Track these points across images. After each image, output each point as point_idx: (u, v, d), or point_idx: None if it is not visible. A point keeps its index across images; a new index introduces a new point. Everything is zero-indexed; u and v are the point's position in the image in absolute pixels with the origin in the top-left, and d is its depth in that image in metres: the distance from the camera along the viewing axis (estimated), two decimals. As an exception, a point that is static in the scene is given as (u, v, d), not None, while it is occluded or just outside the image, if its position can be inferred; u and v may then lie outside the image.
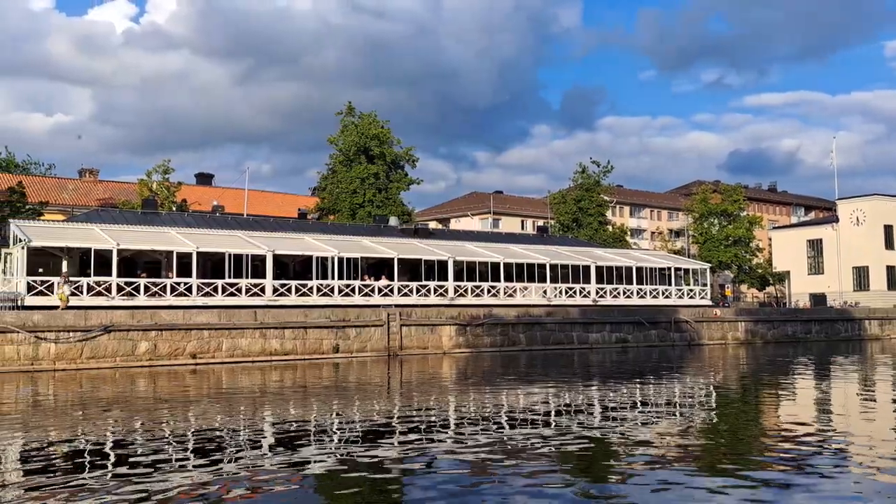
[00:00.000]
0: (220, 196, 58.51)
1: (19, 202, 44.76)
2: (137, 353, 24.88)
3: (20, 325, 23.35)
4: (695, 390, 19.87)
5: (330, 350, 28.25)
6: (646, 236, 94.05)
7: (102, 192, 59.22)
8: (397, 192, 53.25)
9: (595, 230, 60.56)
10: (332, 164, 54.25)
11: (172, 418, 15.04)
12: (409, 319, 30.38)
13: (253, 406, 16.73)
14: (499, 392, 18.88)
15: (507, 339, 32.53)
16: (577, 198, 61.86)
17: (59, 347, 23.80)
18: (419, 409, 16.14)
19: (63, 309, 26.19)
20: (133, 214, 37.49)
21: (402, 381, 22.48)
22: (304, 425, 13.97)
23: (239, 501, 8.62)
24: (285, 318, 27.99)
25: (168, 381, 21.57)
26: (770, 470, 9.86)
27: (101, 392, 19.18)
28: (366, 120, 53.15)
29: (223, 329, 26.45)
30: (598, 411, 15.47)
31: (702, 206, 66.36)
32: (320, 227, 42.06)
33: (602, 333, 35.50)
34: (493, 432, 12.71)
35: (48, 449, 11.81)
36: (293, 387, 20.64)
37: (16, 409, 16.56)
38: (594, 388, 19.81)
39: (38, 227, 31.33)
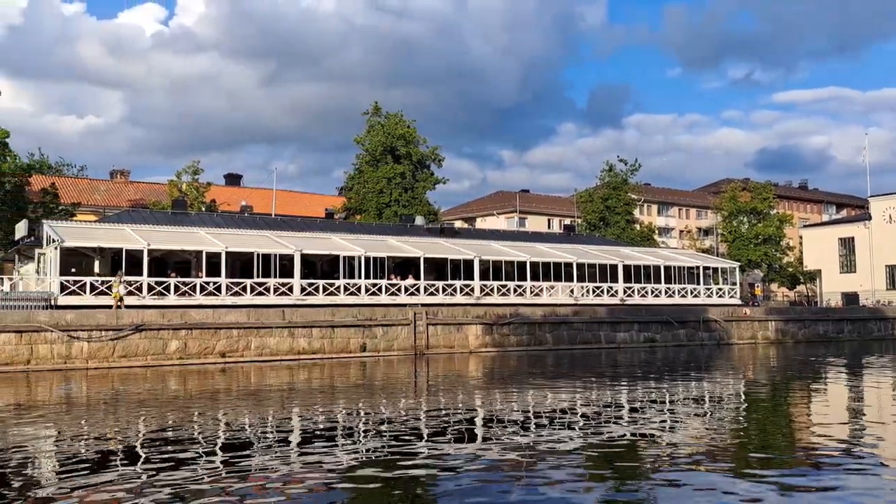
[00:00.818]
0: (248, 196, 59.03)
1: (52, 203, 45.51)
2: (168, 351, 25.20)
3: (54, 325, 23.77)
4: (724, 390, 19.68)
5: (357, 349, 28.40)
6: (674, 235, 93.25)
7: (133, 193, 60.02)
8: (423, 192, 53.34)
9: (622, 229, 60.17)
10: (358, 164, 54.49)
11: (202, 416, 15.22)
12: (435, 318, 30.44)
13: (281, 404, 16.88)
14: (526, 391, 18.86)
15: (533, 339, 32.46)
16: (604, 196, 61.50)
17: (91, 346, 24.19)
18: (446, 408, 16.17)
19: (116, 308, 26.75)
20: (163, 215, 37.96)
21: (429, 380, 22.54)
22: (331, 424, 14.06)
23: (267, 499, 8.71)
24: (313, 317, 28.19)
25: (198, 379, 21.83)
26: (800, 474, 9.75)
27: (133, 390, 19.44)
28: (392, 120, 53.31)
29: (252, 328, 26.71)
30: (626, 411, 15.39)
31: (731, 204, 65.66)
32: (347, 227, 42.28)
33: (630, 333, 35.28)
34: (520, 432, 12.70)
35: (82, 445, 12.01)
36: (321, 385, 20.78)
37: (56, 407, 16.86)
38: (622, 387, 19.71)
39: (71, 228, 31.83)
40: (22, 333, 23.31)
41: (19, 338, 23.27)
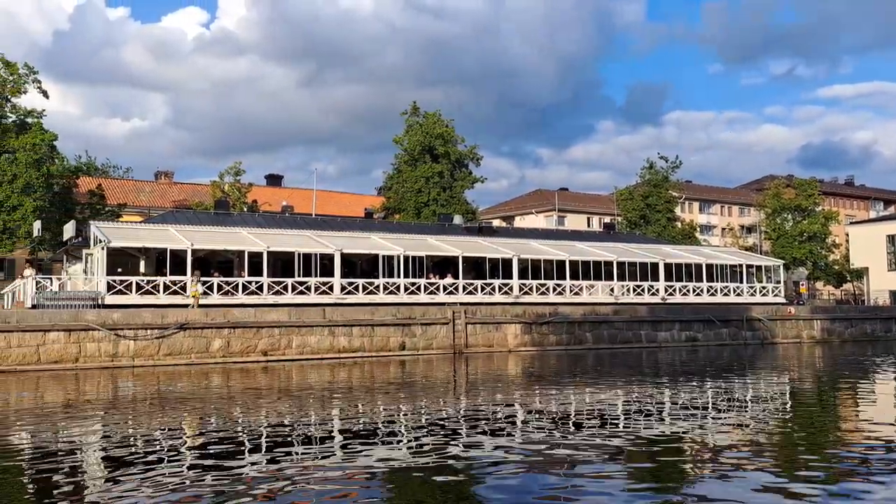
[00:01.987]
0: (289, 196, 59.66)
1: (99, 204, 46.57)
2: (211, 350, 25.62)
3: (101, 323, 24.32)
4: (769, 390, 19.37)
5: (397, 347, 28.55)
6: (716, 233, 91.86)
7: (177, 194, 61.06)
8: (461, 191, 53.35)
9: (663, 227, 59.48)
10: (397, 164, 54.71)
11: (245, 414, 15.45)
12: (474, 317, 30.46)
13: (322, 403, 17.05)
14: (565, 391, 18.78)
15: (573, 338, 32.29)
16: (644, 194, 60.85)
17: (137, 344, 24.70)
18: (486, 407, 16.18)
19: (193, 307, 27.35)
20: (206, 215, 38.56)
21: (469, 378, 22.56)
22: (372, 422, 14.17)
23: (309, 497, 8.81)
24: (353, 315, 28.41)
25: (240, 377, 22.15)
26: (847, 477, 9.55)
27: (178, 388, 19.81)
28: (430, 119, 53.41)
29: (293, 327, 27.01)
30: (668, 411, 15.24)
31: (774, 201, 64.47)
32: (386, 227, 42.50)
33: (671, 332, 34.90)
34: (561, 431, 12.66)
35: (129, 442, 12.29)
36: (361, 384, 20.94)
37: (107, 403, 17.26)
38: (664, 387, 19.51)
39: (117, 229, 32.51)
40: (70, 332, 23.90)
41: (68, 336, 23.86)
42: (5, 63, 42.64)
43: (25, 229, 40.11)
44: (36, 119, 43.12)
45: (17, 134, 42.19)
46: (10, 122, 42.99)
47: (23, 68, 43.18)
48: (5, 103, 42.67)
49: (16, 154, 41.64)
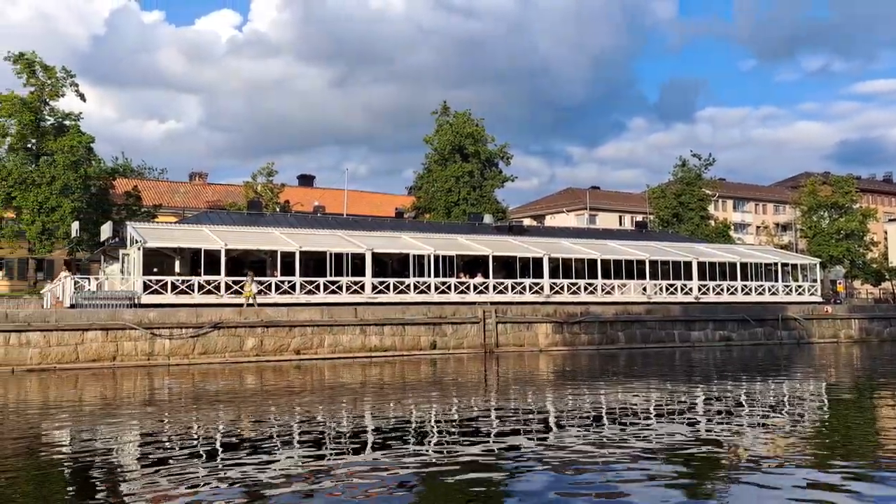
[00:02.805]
0: (320, 196, 60.13)
1: (135, 205, 47.39)
2: (245, 349, 25.91)
3: (137, 322, 24.72)
4: (805, 391, 19.09)
5: (427, 346, 28.62)
6: (750, 231, 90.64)
7: (211, 195, 61.85)
8: (491, 190, 53.35)
9: (696, 225, 58.88)
10: (427, 164, 54.88)
11: (279, 412, 15.61)
12: (504, 317, 30.43)
13: (354, 401, 17.16)
14: (598, 391, 18.68)
15: (605, 337, 32.11)
16: (677, 192, 60.30)
17: (172, 343, 25.06)
18: (517, 406, 16.17)
19: (247, 306, 27.83)
20: (239, 215, 39.00)
21: (500, 378, 22.55)
22: (403, 421, 14.23)
23: (340, 496, 8.89)
24: (384, 314, 28.55)
25: (274, 376, 22.38)
26: (886, 482, 9.39)
27: (213, 386, 20.07)
28: (460, 119, 53.49)
29: (325, 326, 27.22)
30: (702, 412, 15.10)
31: (811, 198, 63.50)
32: (417, 226, 42.61)
33: (705, 331, 34.55)
34: (593, 432, 12.62)
35: (166, 439, 12.50)
36: (392, 382, 21.04)
37: (164, 401, 17.57)
38: (698, 387, 19.33)
39: (153, 229, 32.99)
40: (108, 331, 24.32)
41: (105, 335, 24.28)
42: (44, 67, 43.58)
43: (64, 230, 40.98)
44: (73, 122, 44.04)
45: (56, 136, 43.14)
46: (49, 124, 43.95)
47: (60, 72, 44.12)
48: (44, 106, 43.62)
49: (54, 156, 42.56)
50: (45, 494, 9.08)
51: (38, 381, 20.97)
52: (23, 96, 42.60)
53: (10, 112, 42.21)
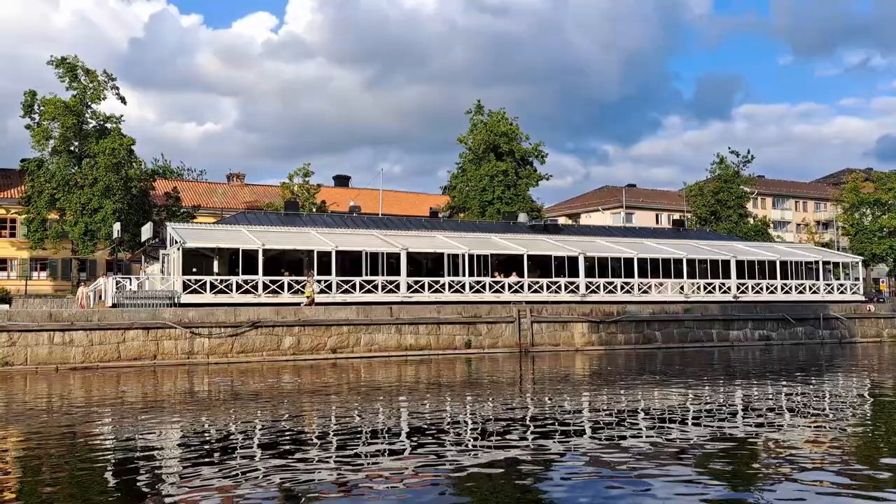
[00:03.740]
0: (356, 196, 60.47)
1: (175, 206, 48.19)
2: (282, 347, 26.20)
3: (177, 322, 25.13)
4: (848, 391, 18.73)
5: (462, 345, 28.66)
6: (790, 228, 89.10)
7: (248, 196, 62.59)
8: (526, 189, 53.19)
9: (735, 223, 58.07)
10: (461, 163, 54.90)
11: (316, 410, 15.76)
12: (539, 316, 30.33)
13: (390, 400, 17.26)
14: (635, 391, 18.55)
15: (642, 337, 31.85)
16: (714, 189, 59.53)
17: (211, 342, 25.44)
18: (553, 406, 16.12)
19: (307, 305, 28.27)
20: (276, 216, 39.41)
21: (535, 377, 22.49)
22: (439, 420, 14.28)
23: (374, 495, 8.95)
24: (419, 314, 28.65)
25: (311, 374, 22.59)
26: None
27: (251, 385, 20.31)
28: (494, 117, 53.43)
29: (361, 325, 27.40)
30: (741, 412, 14.92)
31: (852, 195, 62.24)
32: (451, 225, 42.65)
33: (744, 330, 34.10)
34: (630, 432, 12.54)
35: (206, 436, 12.70)
36: (428, 381, 21.11)
37: (196, 399, 17.87)
38: (737, 387, 19.08)
39: (192, 230, 33.48)
40: (149, 330, 24.78)
41: (146, 334, 24.73)
42: (85, 71, 44.51)
43: (106, 231, 41.80)
44: (115, 124, 44.91)
45: (98, 139, 44.02)
46: (91, 127, 44.88)
47: (102, 75, 45.05)
48: (86, 110, 44.54)
49: (96, 158, 43.43)
50: (88, 488, 9.29)
51: (82, 379, 21.43)
52: (65, 100, 43.55)
53: (54, 115, 43.18)
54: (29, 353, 23.25)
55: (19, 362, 23.02)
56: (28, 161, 45.21)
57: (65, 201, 43.31)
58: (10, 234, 53.12)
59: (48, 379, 21.34)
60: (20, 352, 23.16)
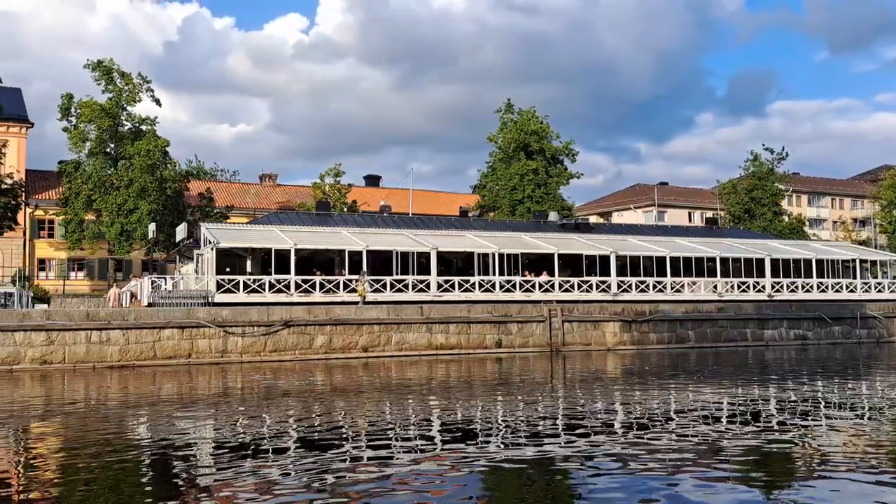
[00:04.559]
0: (387, 196, 60.70)
1: (208, 207, 48.78)
2: (314, 346, 26.41)
3: (211, 321, 25.46)
4: (886, 391, 18.39)
5: (492, 345, 28.64)
6: (826, 226, 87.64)
7: (280, 196, 63.13)
8: (557, 187, 52.96)
9: (769, 221, 57.27)
10: (491, 162, 54.84)
11: (348, 409, 15.87)
12: (570, 315, 30.21)
13: (421, 399, 17.32)
14: (668, 390, 18.40)
15: (674, 336, 31.57)
16: (748, 187, 58.77)
17: (244, 341, 25.73)
18: (585, 406, 16.06)
19: (361, 304, 28.65)
20: (308, 216, 39.69)
21: (567, 376, 22.42)
22: (470, 420, 14.30)
23: (406, 492, 9.00)
24: (449, 313, 28.69)
25: (342, 373, 22.75)
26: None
27: (284, 383, 20.50)
28: (525, 116, 53.30)
29: (392, 324, 27.52)
30: (776, 413, 14.73)
31: (891, 192, 61.04)
32: (481, 225, 42.61)
33: (779, 330, 33.64)
34: (663, 432, 12.45)
35: (239, 434, 12.86)
36: (459, 380, 21.14)
37: (230, 397, 18.11)
38: (772, 387, 18.83)
39: (225, 230, 33.87)
40: (184, 329, 25.13)
41: (181, 333, 25.08)
42: (121, 74, 45.24)
43: (141, 231, 42.46)
44: (149, 126, 45.59)
45: (133, 141, 44.72)
46: (126, 129, 45.61)
47: (137, 78, 45.75)
48: (121, 112, 45.27)
49: (132, 160, 44.13)
50: (124, 483, 9.46)
51: (119, 377, 21.81)
52: (101, 102, 44.30)
53: (90, 118, 43.95)
54: (67, 352, 23.71)
55: (58, 361, 23.49)
56: (66, 163, 46.07)
57: (101, 202, 44.07)
58: (48, 235, 54.20)
59: (86, 377, 21.75)
60: (59, 350, 23.63)
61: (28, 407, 16.40)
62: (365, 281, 30.09)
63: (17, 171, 48.94)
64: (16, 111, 52.55)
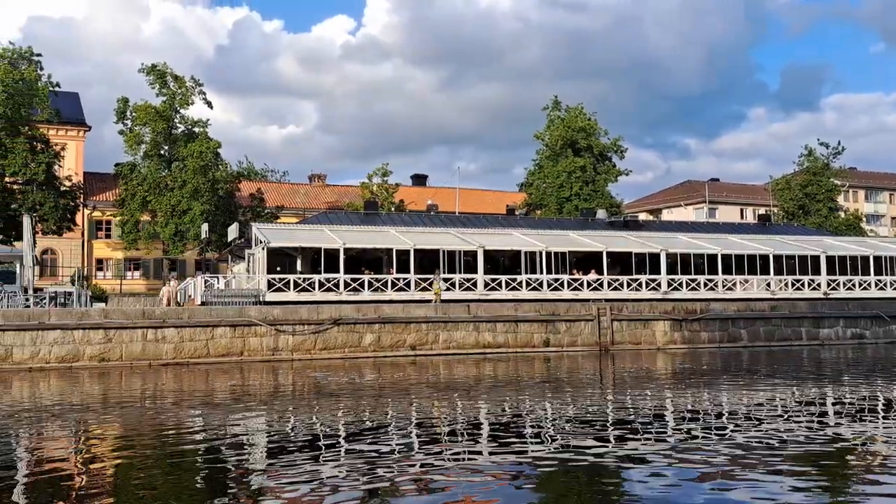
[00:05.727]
0: (433, 195, 60.91)
1: (259, 207, 49.60)
2: (363, 344, 26.66)
3: (262, 319, 25.88)
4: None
5: (540, 343, 28.54)
6: (884, 222, 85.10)
7: (329, 196, 63.86)
8: (605, 185, 52.52)
9: (824, 217, 55.93)
10: (538, 160, 54.62)
11: (397, 407, 15.99)
12: (619, 314, 29.92)
13: (470, 397, 17.36)
14: (719, 390, 18.12)
15: (726, 335, 31.03)
16: (803, 183, 57.47)
17: (295, 339, 26.08)
18: (635, 406, 15.92)
19: (436, 303, 29.10)
20: (356, 215, 40.08)
21: (616, 376, 22.23)
22: (518, 418, 14.29)
23: (455, 490, 9.04)
24: (497, 311, 28.67)
25: (391, 371, 22.93)
26: None
27: (335, 380, 20.75)
28: (572, 113, 52.95)
29: (439, 322, 27.61)
30: (833, 414, 14.39)
31: (954, 186, 59.04)
32: (528, 223, 42.47)
33: (835, 329, 32.81)
34: (714, 433, 12.28)
35: (291, 431, 13.07)
36: (507, 379, 21.12)
37: (282, 395, 18.43)
38: (827, 388, 18.40)
39: (276, 230, 34.40)
40: (236, 327, 25.58)
41: (233, 331, 25.55)
42: (174, 77, 46.30)
43: (195, 232, 43.39)
44: (202, 129, 46.58)
45: (186, 143, 45.73)
46: (180, 132, 46.66)
47: (189, 81, 46.76)
48: (175, 115, 46.32)
49: (185, 162, 45.13)
50: (180, 476, 9.71)
51: (174, 374, 22.34)
52: (156, 106, 45.39)
53: (145, 121, 45.09)
54: (124, 350, 24.35)
55: (115, 358, 24.13)
56: (122, 165, 47.31)
57: (156, 203, 45.16)
58: (105, 236, 55.78)
59: (143, 374, 22.33)
60: (116, 348, 24.28)
61: (88, 403, 16.92)
62: (440, 280, 30.42)
63: (76, 173, 50.51)
64: (74, 115, 54.23)
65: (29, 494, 9.01)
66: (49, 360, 23.39)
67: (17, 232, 37.80)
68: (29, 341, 23.42)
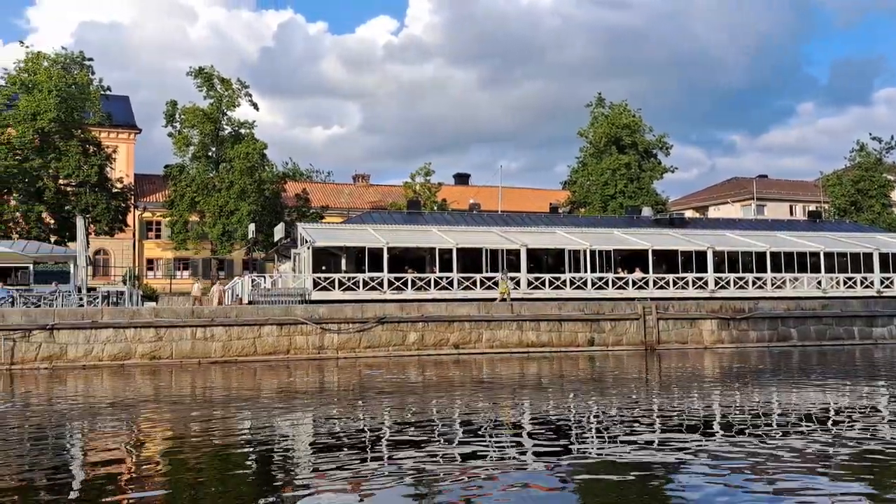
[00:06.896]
0: (476, 194, 60.93)
1: (304, 207, 50.20)
2: (407, 342, 26.80)
3: (308, 318, 26.19)
4: None
5: (585, 343, 28.35)
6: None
7: (373, 195, 64.33)
8: (650, 182, 51.87)
9: (877, 213, 54.43)
10: (582, 157, 54.22)
11: (442, 405, 16.07)
12: (666, 313, 29.56)
13: (513, 396, 17.35)
14: (769, 391, 17.81)
15: (775, 334, 30.45)
16: (854, 179, 56.02)
17: (340, 337, 26.34)
18: (681, 406, 15.74)
19: (500, 301, 29.27)
20: (399, 214, 40.29)
21: (662, 376, 21.99)
22: (563, 418, 14.24)
23: (500, 490, 9.06)
24: (540, 310, 28.57)
25: (435, 369, 23.01)
26: None
27: (379, 378, 20.91)
28: (616, 110, 52.44)
29: (482, 321, 27.62)
30: (887, 417, 14.04)
31: None
32: (571, 221, 42.18)
33: (889, 328, 31.96)
34: (763, 435, 12.08)
35: (336, 429, 13.23)
36: (551, 378, 21.05)
37: (328, 393, 18.67)
38: (881, 389, 17.95)
39: (321, 230, 34.77)
40: (282, 326, 25.94)
41: (280, 329, 25.90)
42: (221, 80, 47.08)
43: (242, 232, 44.10)
44: (248, 130, 47.31)
45: (233, 144, 46.50)
46: (227, 133, 47.45)
47: (236, 84, 47.52)
48: (222, 117, 47.11)
49: (232, 163, 45.89)
50: (228, 472, 9.91)
51: (222, 372, 22.75)
52: (203, 108, 46.23)
53: (193, 123, 45.97)
54: (174, 348, 24.86)
55: (165, 356, 24.66)
56: (171, 167, 48.29)
57: (204, 204, 46.00)
58: (155, 236, 57.04)
59: (192, 372, 22.78)
60: (166, 346, 24.80)
61: (140, 399, 17.34)
62: (507, 279, 30.47)
63: (127, 175, 51.71)
64: (124, 118, 55.57)
65: (85, 487, 9.29)
66: (102, 358, 24.00)
67: (71, 233, 38.83)
68: (83, 340, 24.06)
